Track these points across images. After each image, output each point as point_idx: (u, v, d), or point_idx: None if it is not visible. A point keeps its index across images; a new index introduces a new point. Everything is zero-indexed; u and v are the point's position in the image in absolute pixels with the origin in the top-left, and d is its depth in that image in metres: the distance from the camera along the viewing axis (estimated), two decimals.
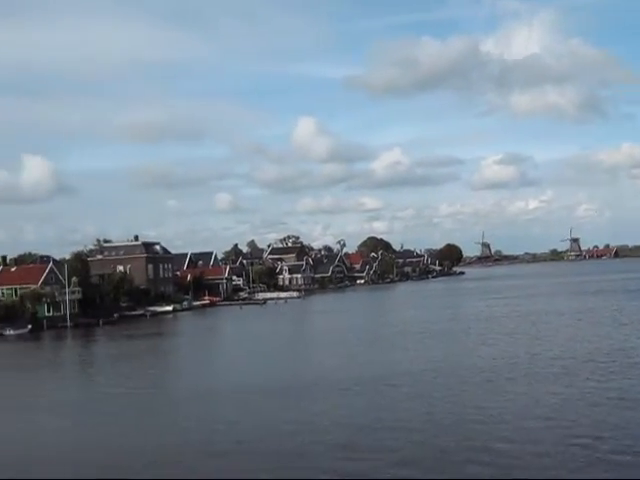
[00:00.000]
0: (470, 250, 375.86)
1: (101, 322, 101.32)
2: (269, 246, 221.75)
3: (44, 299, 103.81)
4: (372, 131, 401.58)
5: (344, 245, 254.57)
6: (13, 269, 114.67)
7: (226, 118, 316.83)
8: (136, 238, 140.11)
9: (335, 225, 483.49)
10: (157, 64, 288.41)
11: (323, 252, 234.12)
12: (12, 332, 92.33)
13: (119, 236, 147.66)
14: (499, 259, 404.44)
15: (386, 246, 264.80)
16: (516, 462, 25.74)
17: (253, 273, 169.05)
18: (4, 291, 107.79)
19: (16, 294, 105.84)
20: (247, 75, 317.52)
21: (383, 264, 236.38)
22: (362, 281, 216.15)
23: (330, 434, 31.35)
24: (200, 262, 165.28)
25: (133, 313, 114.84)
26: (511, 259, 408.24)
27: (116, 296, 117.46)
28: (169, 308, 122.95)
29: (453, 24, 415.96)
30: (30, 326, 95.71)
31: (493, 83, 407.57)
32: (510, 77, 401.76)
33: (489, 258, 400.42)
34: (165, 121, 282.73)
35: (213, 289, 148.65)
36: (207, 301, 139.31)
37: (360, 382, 43.43)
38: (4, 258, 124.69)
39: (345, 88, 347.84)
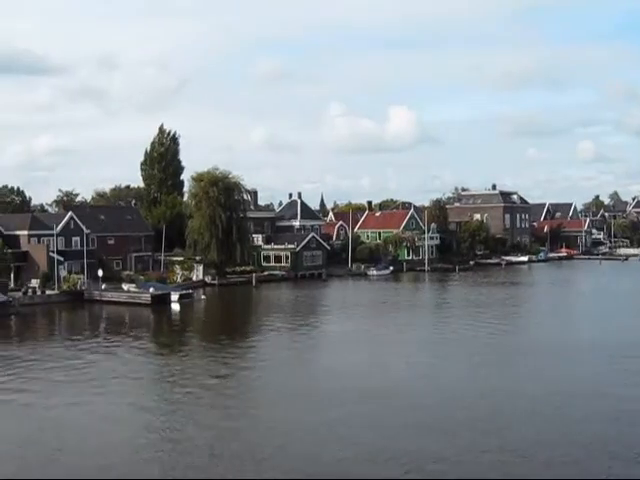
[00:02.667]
0: None
1: (457, 268, 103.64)
2: (634, 199, 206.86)
3: (404, 243, 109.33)
4: None
5: None
6: (377, 214, 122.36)
7: (594, 62, 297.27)
8: (494, 187, 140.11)
9: None
10: (521, 9, 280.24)
11: None
12: (375, 272, 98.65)
13: (477, 185, 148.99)
14: None
15: None
16: None
17: (615, 227, 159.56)
18: (369, 234, 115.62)
19: (379, 237, 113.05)
20: (619, 14, 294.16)
21: None
22: None
23: None
24: (558, 213, 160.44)
25: (488, 261, 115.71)
26: None
27: (472, 244, 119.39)
28: (524, 258, 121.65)
29: None
30: (391, 268, 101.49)
31: None
32: None
33: None
34: (530, 68, 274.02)
35: (571, 241, 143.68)
36: (564, 253, 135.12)
37: None
38: (369, 203, 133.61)
39: None
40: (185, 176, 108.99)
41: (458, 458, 23.10)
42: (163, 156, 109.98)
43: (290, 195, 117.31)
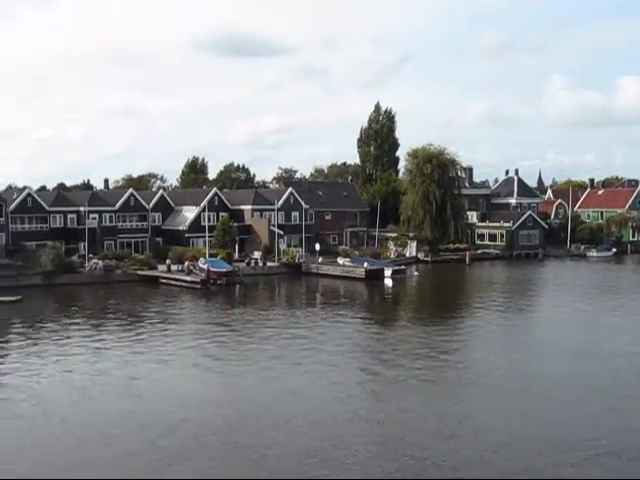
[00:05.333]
0: None
1: None
2: None
3: (630, 223, 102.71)
4: None
5: None
6: (600, 192, 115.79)
7: None
8: None
9: None
10: None
11: None
12: (595, 254, 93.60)
13: None
14: None
15: None
16: None
17: None
18: (590, 213, 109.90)
19: (602, 217, 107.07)
20: None
21: None
22: None
23: None
24: None
25: None
26: None
27: None
28: None
29: None
30: (614, 249, 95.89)
31: None
32: None
33: None
34: None
35: None
36: None
37: None
38: (592, 181, 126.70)
39: None
40: (401, 152, 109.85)
41: None
42: (378, 133, 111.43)
43: (507, 172, 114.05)
